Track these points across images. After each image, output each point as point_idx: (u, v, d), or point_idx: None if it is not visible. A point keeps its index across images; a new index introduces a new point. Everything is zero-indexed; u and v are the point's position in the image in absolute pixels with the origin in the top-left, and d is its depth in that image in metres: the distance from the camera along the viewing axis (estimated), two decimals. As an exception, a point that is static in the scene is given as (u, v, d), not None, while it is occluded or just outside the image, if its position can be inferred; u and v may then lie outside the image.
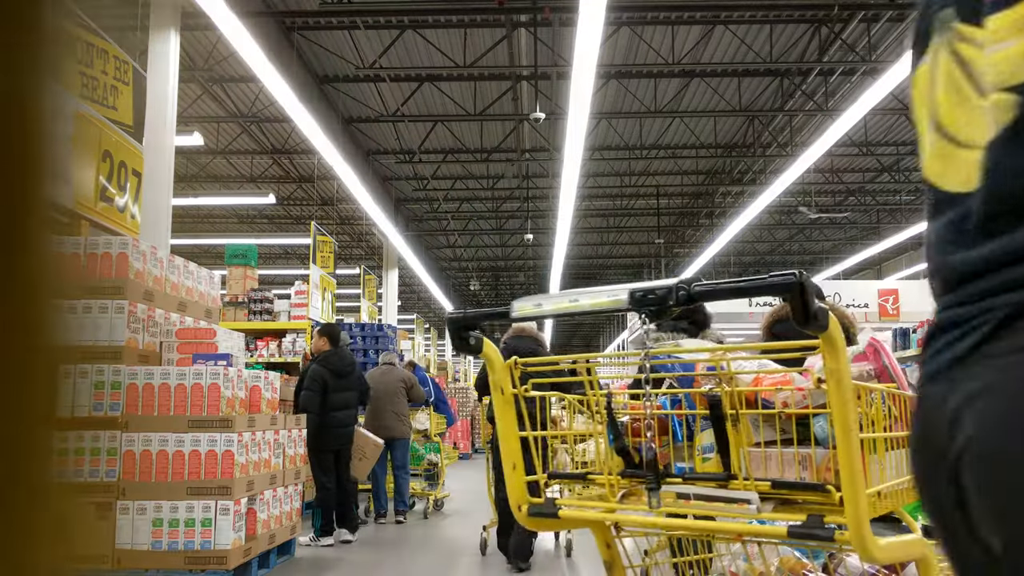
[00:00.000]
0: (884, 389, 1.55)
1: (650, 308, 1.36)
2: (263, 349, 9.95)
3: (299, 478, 6.08)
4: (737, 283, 1.30)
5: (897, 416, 1.60)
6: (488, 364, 1.76)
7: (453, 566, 5.69)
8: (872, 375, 1.63)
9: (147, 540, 4.69)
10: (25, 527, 0.32)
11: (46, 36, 0.34)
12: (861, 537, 1.28)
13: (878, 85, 9.10)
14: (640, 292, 1.36)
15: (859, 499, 1.29)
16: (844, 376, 1.28)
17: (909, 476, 1.58)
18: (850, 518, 1.29)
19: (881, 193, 18.67)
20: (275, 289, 16.72)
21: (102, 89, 5.67)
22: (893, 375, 1.64)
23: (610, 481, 1.62)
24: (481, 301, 33.18)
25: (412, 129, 14.29)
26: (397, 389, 7.93)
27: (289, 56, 10.31)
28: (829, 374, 1.29)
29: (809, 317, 1.20)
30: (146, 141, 6.49)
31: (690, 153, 15.70)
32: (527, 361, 1.79)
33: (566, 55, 10.51)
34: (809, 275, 1.20)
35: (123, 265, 4.89)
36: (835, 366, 1.27)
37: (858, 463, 1.30)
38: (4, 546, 0.31)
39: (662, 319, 1.41)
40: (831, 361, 1.28)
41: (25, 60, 0.33)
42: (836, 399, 1.28)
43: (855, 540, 1.29)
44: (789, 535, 1.34)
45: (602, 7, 6.32)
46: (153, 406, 4.86)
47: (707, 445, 1.62)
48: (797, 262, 26.30)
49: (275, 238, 21.05)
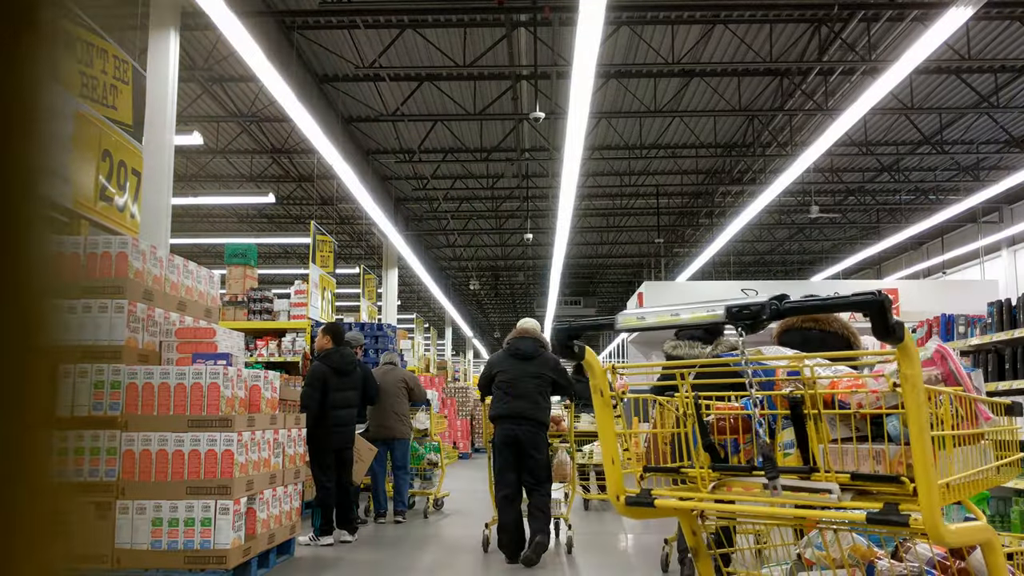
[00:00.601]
0: (951, 392, 1.72)
1: (745, 321, 1.58)
2: (263, 348, 9.95)
3: (299, 478, 6.08)
4: (823, 300, 1.53)
5: (963, 416, 1.77)
6: (589, 369, 1.91)
7: (453, 564, 5.69)
8: (939, 379, 1.79)
9: (147, 539, 4.69)
10: (25, 527, 0.32)
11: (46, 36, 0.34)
12: (934, 522, 1.44)
13: (878, 85, 9.10)
14: (736, 307, 1.58)
15: (932, 489, 1.44)
16: (918, 381, 1.45)
17: (975, 470, 1.78)
18: (924, 506, 1.44)
19: (881, 193, 18.67)
20: (275, 288, 16.72)
21: (102, 88, 5.67)
22: (959, 379, 1.79)
23: (701, 474, 1.81)
24: (481, 300, 33.19)
25: (412, 128, 14.28)
26: (398, 389, 7.94)
27: (289, 55, 10.30)
28: (904, 379, 1.45)
29: (888, 330, 1.38)
30: (146, 140, 6.49)
31: (690, 153, 15.70)
32: (623, 366, 2.03)
33: (566, 54, 10.51)
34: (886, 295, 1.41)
35: (123, 264, 4.89)
36: (910, 372, 1.45)
37: (931, 457, 1.46)
38: (4, 546, 0.31)
39: (757, 331, 1.63)
40: (906, 367, 1.45)
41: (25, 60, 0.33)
42: (911, 401, 1.45)
43: (928, 525, 1.44)
44: (868, 520, 1.50)
45: (602, 6, 6.31)
46: (153, 405, 4.86)
47: (788, 442, 1.80)
48: (797, 261, 26.31)
49: (275, 237, 21.05)
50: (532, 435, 5.64)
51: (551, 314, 27.31)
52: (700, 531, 2.01)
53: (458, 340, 34.67)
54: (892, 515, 1.47)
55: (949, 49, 10.61)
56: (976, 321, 6.42)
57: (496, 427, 5.77)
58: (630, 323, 1.75)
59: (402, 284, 23.97)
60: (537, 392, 5.72)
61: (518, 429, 5.62)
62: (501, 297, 33.21)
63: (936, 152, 15.10)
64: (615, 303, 32.47)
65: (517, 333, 6.00)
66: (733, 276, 25.12)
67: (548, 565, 5.70)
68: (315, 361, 6.83)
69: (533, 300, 32.51)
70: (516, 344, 5.88)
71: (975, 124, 14.57)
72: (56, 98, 0.35)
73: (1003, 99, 12.71)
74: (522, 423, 5.62)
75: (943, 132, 14.63)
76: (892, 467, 1.62)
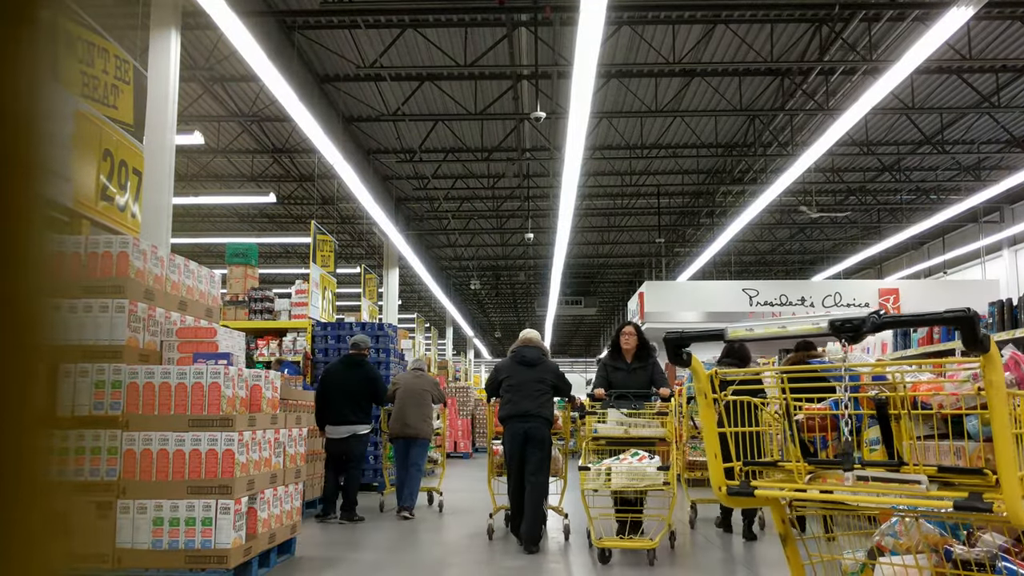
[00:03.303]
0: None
1: (848, 334, 1.81)
2: (264, 348, 9.95)
3: (299, 477, 6.08)
4: (916, 316, 1.77)
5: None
6: (694, 375, 2.14)
7: (455, 563, 5.69)
8: (1014, 383, 1.98)
9: (147, 539, 4.70)
10: (26, 526, 0.32)
11: (47, 35, 0.34)
12: (1016, 508, 1.64)
13: (879, 84, 9.10)
14: (839, 321, 1.81)
15: (1013, 479, 1.64)
16: (1001, 385, 1.65)
17: None
18: (1007, 494, 1.65)
19: (882, 192, 18.66)
20: (276, 288, 16.73)
21: (103, 88, 5.67)
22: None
23: (797, 468, 2.05)
24: (482, 300, 33.19)
25: (413, 128, 14.28)
26: (426, 392, 8.25)
27: (290, 55, 10.30)
28: (988, 384, 1.66)
29: (977, 343, 1.60)
30: (147, 140, 6.49)
31: (691, 152, 15.69)
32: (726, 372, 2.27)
33: (567, 54, 10.51)
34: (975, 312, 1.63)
35: (123, 264, 4.89)
36: (994, 378, 1.66)
37: (1013, 451, 1.66)
38: (4, 546, 0.31)
39: (858, 342, 1.89)
40: (991, 374, 1.66)
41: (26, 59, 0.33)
42: (995, 402, 1.65)
43: (1011, 510, 1.64)
44: (955, 508, 1.71)
45: (603, 6, 6.31)
46: (153, 405, 4.86)
47: (873, 439, 2.06)
48: (798, 261, 26.30)
49: (275, 237, 21.05)
50: (538, 429, 6.26)
51: (552, 314, 27.30)
52: (787, 519, 2.24)
53: (459, 340, 34.68)
54: (977, 503, 1.67)
55: (950, 49, 10.60)
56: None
57: (506, 426, 6.35)
58: (739, 334, 2.00)
59: (403, 284, 23.98)
60: (541, 394, 6.35)
61: (526, 425, 6.23)
62: (502, 297, 33.21)
63: (937, 152, 15.09)
64: (616, 303, 32.46)
65: (521, 342, 6.63)
66: (734, 276, 25.10)
67: (552, 552, 6.04)
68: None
69: (534, 300, 32.51)
70: (521, 352, 6.52)
71: (976, 124, 14.56)
72: (57, 98, 0.35)
73: (1004, 99, 12.71)
74: (529, 420, 6.24)
75: (944, 132, 14.62)
76: (972, 461, 1.86)
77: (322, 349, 10.15)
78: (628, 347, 6.31)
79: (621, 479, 5.50)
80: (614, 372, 6.29)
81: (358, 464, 7.75)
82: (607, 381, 6.30)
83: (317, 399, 7.84)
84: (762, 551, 6.00)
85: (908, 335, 6.89)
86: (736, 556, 5.85)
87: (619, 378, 6.24)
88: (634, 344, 6.33)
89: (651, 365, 6.31)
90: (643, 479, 5.49)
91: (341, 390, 7.67)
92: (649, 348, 6.37)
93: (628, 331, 6.39)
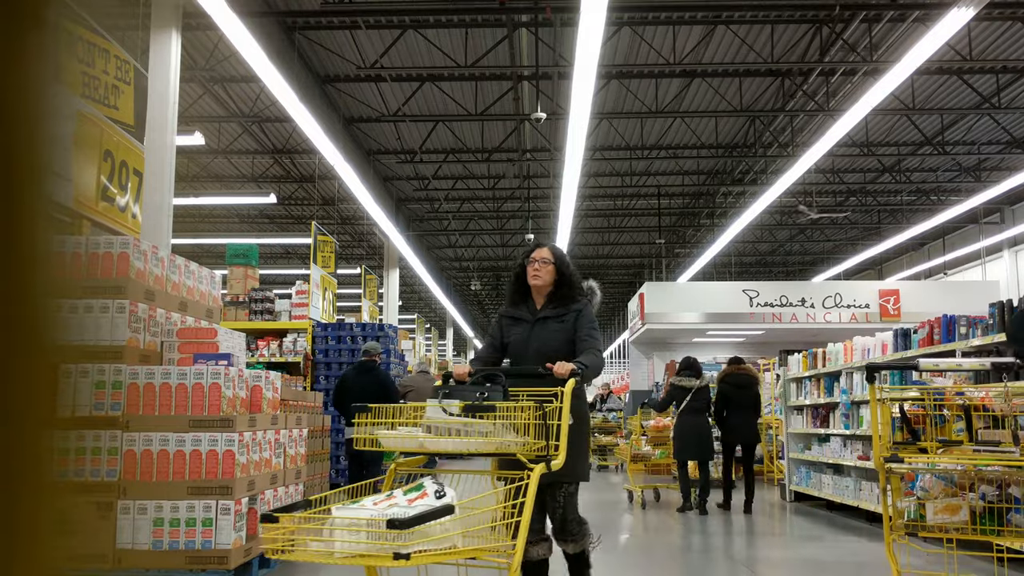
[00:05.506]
0: None
1: (1010, 372, 3.57)
2: (264, 349, 9.95)
3: (300, 478, 6.08)
4: None
5: None
6: None
7: (454, 566, 5.69)
8: None
9: (148, 540, 4.70)
10: (26, 526, 0.32)
11: (48, 36, 0.34)
12: None
13: (879, 85, 9.10)
14: (999, 364, 3.50)
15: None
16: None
17: None
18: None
19: (882, 193, 18.66)
20: (276, 289, 16.72)
21: (103, 89, 5.67)
22: None
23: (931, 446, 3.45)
24: (482, 301, 33.19)
25: (413, 129, 14.29)
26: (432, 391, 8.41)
27: (290, 56, 10.31)
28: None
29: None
30: (147, 141, 6.49)
31: (691, 153, 15.70)
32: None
33: (567, 55, 10.51)
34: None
35: (124, 265, 4.89)
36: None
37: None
38: (5, 546, 0.31)
39: (1021, 379, 4.42)
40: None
41: (27, 60, 0.33)
42: None
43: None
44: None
45: (603, 7, 6.32)
46: (154, 406, 4.86)
47: (959, 428, 3.75)
48: (798, 262, 26.29)
49: (276, 238, 21.06)
50: None
51: (552, 314, 27.24)
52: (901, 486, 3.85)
53: (459, 340, 34.68)
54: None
55: (951, 50, 10.60)
56: (978, 322, 6.40)
57: None
58: (928, 366, 3.65)
59: (403, 284, 23.98)
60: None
61: None
62: (502, 297, 33.11)
63: (937, 153, 15.09)
64: (616, 303, 32.45)
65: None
66: (734, 277, 25.11)
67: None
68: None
69: (534, 300, 32.45)
70: None
71: (976, 125, 14.57)
72: (58, 98, 0.35)
73: (1004, 100, 12.71)
74: None
75: (944, 133, 14.62)
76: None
77: (322, 350, 10.15)
78: (539, 283, 3.65)
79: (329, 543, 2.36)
80: (512, 327, 3.70)
81: (374, 465, 8.08)
82: (500, 345, 3.72)
83: (334, 405, 8.35)
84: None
85: (908, 335, 6.91)
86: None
87: (517, 338, 3.64)
88: (549, 279, 3.66)
89: (575, 315, 3.58)
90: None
91: (355, 395, 7.97)
92: (576, 287, 3.69)
93: (541, 255, 3.68)
